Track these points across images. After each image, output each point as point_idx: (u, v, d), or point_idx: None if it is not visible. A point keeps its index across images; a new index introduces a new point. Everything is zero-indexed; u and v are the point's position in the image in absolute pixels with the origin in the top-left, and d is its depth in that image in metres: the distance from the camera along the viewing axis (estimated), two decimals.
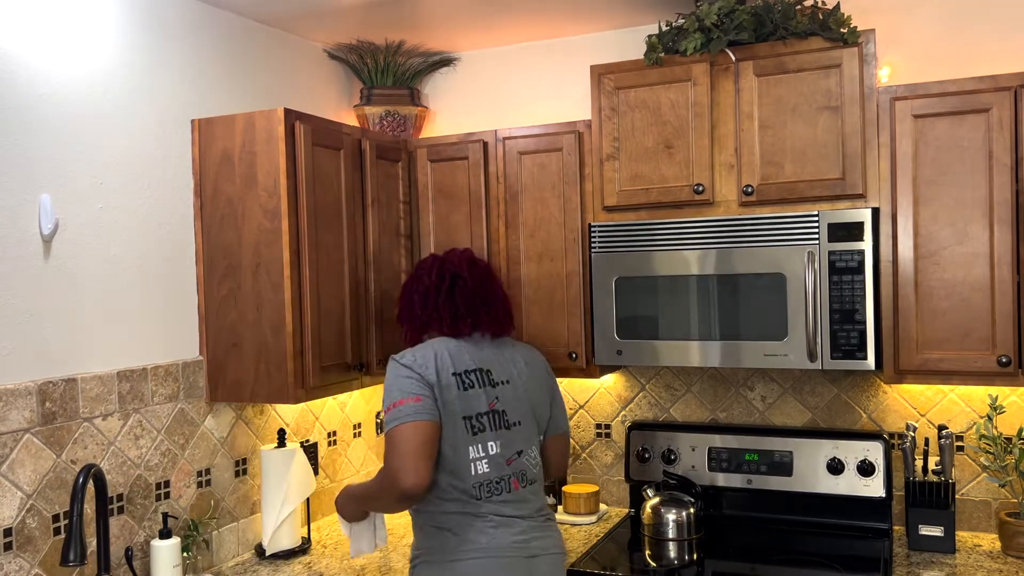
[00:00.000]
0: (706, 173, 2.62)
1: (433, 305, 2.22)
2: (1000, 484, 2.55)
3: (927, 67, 2.71)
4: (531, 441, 2.21)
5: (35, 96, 2.16)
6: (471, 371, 2.15)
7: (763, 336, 2.51)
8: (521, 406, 2.20)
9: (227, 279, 2.58)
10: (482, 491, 2.10)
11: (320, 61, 3.26)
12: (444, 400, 2.07)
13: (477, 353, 2.18)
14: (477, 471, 2.09)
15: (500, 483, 2.11)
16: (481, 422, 2.12)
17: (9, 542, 2.06)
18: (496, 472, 2.11)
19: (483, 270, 2.29)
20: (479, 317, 2.22)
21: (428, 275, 2.26)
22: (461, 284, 2.23)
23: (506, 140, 2.90)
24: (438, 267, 2.26)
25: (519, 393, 2.21)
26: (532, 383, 2.25)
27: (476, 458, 2.10)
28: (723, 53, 2.58)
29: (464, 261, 2.28)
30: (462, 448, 2.08)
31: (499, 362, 2.21)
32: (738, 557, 2.67)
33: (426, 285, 2.25)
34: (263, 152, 2.51)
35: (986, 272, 2.36)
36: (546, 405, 2.28)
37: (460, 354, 2.16)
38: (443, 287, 2.23)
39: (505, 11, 2.94)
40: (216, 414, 2.67)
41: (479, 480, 2.09)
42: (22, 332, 2.12)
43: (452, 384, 2.09)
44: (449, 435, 2.07)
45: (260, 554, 2.73)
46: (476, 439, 2.10)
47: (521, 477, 2.16)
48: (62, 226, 2.23)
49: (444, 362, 2.12)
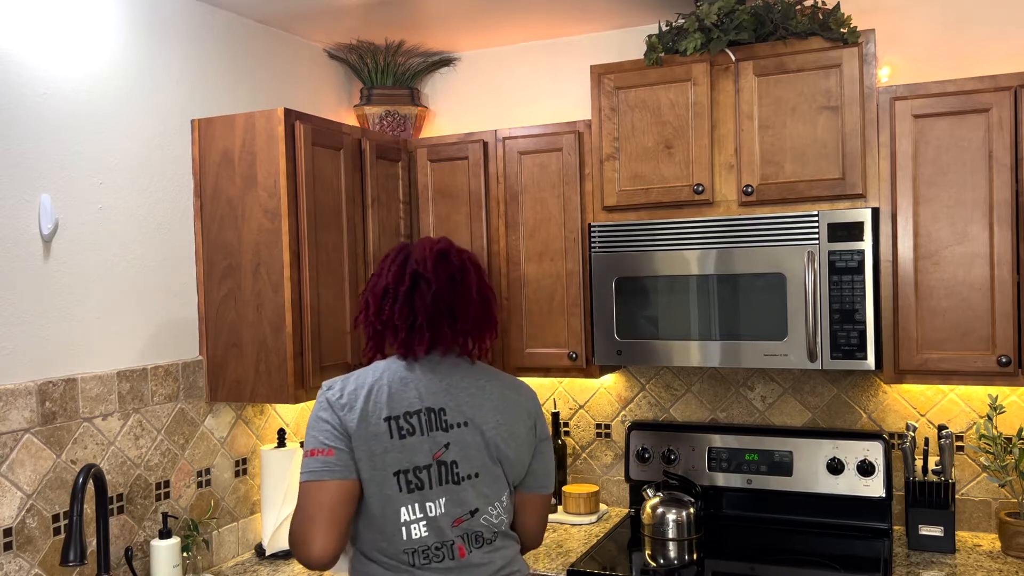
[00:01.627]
0: (706, 173, 2.62)
1: (388, 311, 1.79)
2: (1000, 484, 2.55)
3: (927, 67, 2.71)
4: (492, 497, 1.80)
5: (35, 96, 2.16)
6: (413, 413, 1.75)
7: (763, 336, 2.51)
8: (480, 454, 1.78)
9: (227, 279, 2.58)
10: (416, 558, 1.74)
11: (320, 61, 3.26)
12: (369, 452, 1.71)
13: (430, 386, 1.78)
14: (411, 535, 1.73)
15: (440, 549, 1.75)
16: (420, 478, 1.73)
17: (9, 542, 2.06)
18: (436, 536, 1.74)
19: (456, 267, 1.81)
20: (440, 331, 1.78)
21: (387, 272, 1.82)
22: (423, 287, 1.78)
23: (506, 140, 2.90)
24: (400, 263, 1.81)
25: (480, 439, 1.78)
26: (504, 428, 1.80)
27: (411, 520, 1.73)
28: (723, 53, 2.58)
29: (431, 256, 1.80)
30: (391, 508, 1.73)
31: (459, 397, 1.79)
32: (738, 557, 2.67)
33: (383, 284, 1.81)
34: (263, 152, 2.51)
35: (986, 272, 2.36)
36: (524, 455, 1.84)
37: (404, 390, 1.76)
38: (401, 289, 1.78)
39: (505, 11, 2.94)
40: (216, 414, 2.67)
41: (413, 546, 1.73)
42: (22, 332, 2.12)
43: (382, 432, 1.72)
44: (374, 492, 1.73)
45: (260, 554, 2.73)
46: (412, 498, 1.73)
47: (473, 540, 1.77)
48: (62, 226, 2.23)
49: (377, 403, 1.74)
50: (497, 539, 1.81)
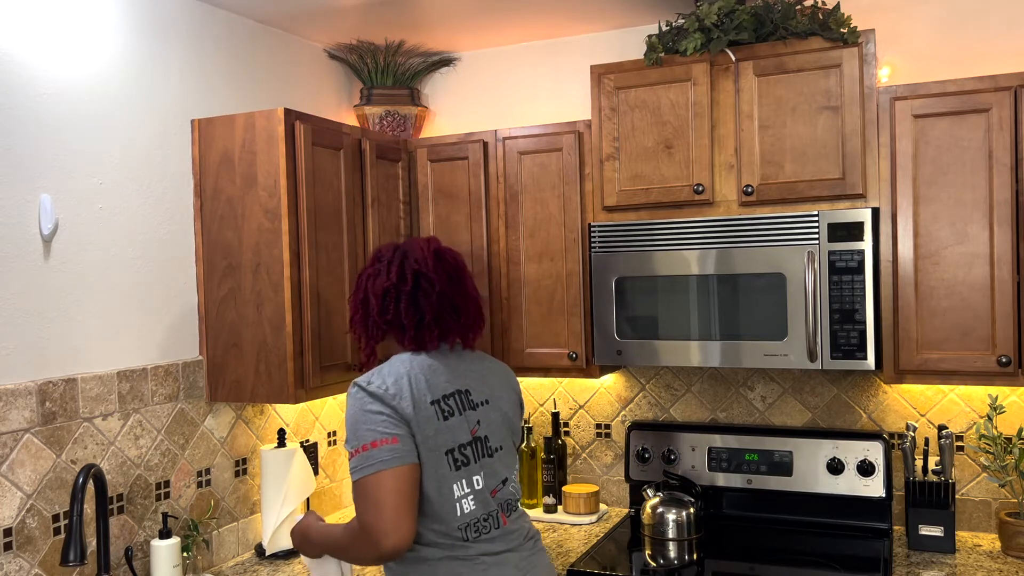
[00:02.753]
0: (706, 173, 2.62)
1: (393, 311, 1.88)
2: (1000, 484, 2.55)
3: (927, 67, 2.71)
4: (512, 466, 1.98)
5: (35, 96, 2.16)
6: (450, 395, 1.86)
7: (763, 336, 2.51)
8: (501, 429, 1.95)
9: (227, 279, 2.58)
10: (469, 532, 1.84)
11: (320, 61, 3.26)
12: (424, 436, 1.79)
13: (453, 371, 1.90)
14: (463, 510, 1.84)
15: (488, 520, 1.87)
16: (464, 454, 1.85)
17: (9, 542, 2.06)
18: (483, 508, 1.87)
19: (452, 266, 1.94)
20: (447, 327, 1.90)
21: (387, 272, 1.90)
22: (426, 286, 1.88)
23: (506, 140, 2.90)
24: (399, 263, 1.90)
25: (499, 414, 1.95)
26: (506, 402, 1.99)
27: (462, 496, 1.83)
28: (723, 53, 2.58)
29: (430, 256, 1.91)
30: (446, 487, 1.82)
31: (475, 379, 1.94)
32: (738, 557, 2.67)
33: (384, 284, 1.89)
34: (263, 152, 2.51)
35: (986, 272, 2.36)
36: (519, 424, 2.05)
37: (435, 375, 1.86)
38: (404, 289, 1.87)
39: (505, 11, 2.94)
40: (216, 414, 2.67)
41: (466, 520, 1.84)
42: (22, 332, 2.12)
43: (431, 416, 1.81)
44: (431, 474, 1.80)
45: (260, 554, 2.73)
46: (460, 474, 1.84)
47: (507, 507, 1.93)
48: (62, 226, 2.23)
49: (419, 388, 1.82)
50: (518, 505, 1.99)
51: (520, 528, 1.95)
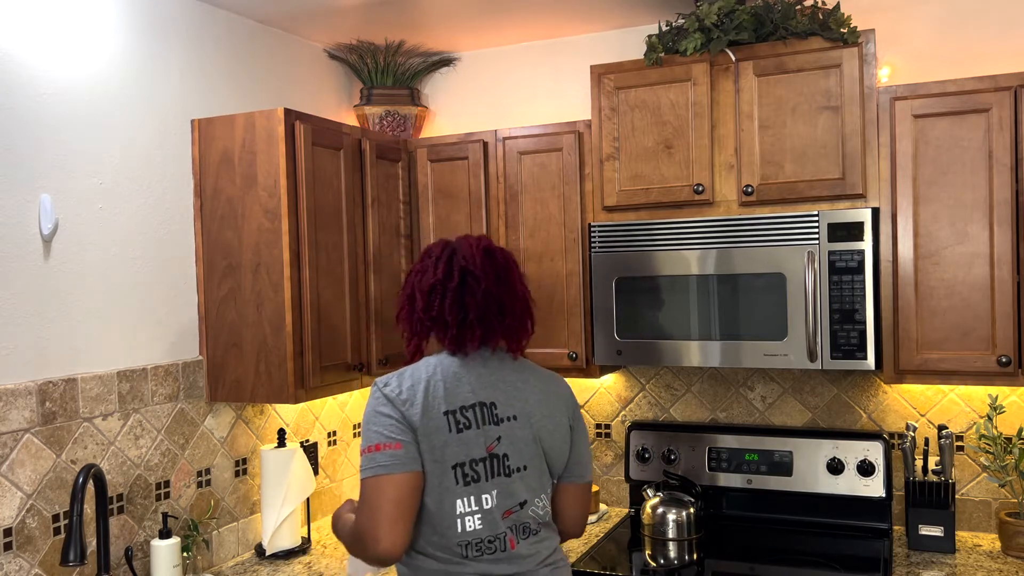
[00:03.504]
0: (706, 173, 2.62)
1: (438, 307, 1.82)
2: (1000, 484, 2.55)
3: (927, 67, 2.71)
4: (539, 490, 1.85)
5: (35, 96, 2.17)
6: (468, 407, 1.79)
7: (763, 336, 2.51)
8: (529, 448, 1.83)
9: (227, 279, 2.58)
10: (470, 550, 1.76)
11: (320, 61, 3.26)
12: (430, 445, 1.74)
13: (481, 380, 1.82)
14: (465, 528, 1.76)
15: (493, 542, 1.78)
16: (476, 470, 1.77)
17: (9, 542, 2.06)
18: (489, 530, 1.78)
19: (501, 265, 1.87)
20: (491, 327, 1.83)
21: (434, 268, 1.85)
22: (472, 284, 1.82)
23: (506, 140, 2.90)
24: (447, 259, 1.85)
25: (529, 432, 1.83)
26: (548, 420, 1.86)
27: (466, 513, 1.76)
28: (723, 53, 2.58)
29: (479, 253, 1.85)
30: (448, 501, 1.75)
31: (508, 392, 1.84)
32: (738, 557, 2.67)
33: (431, 280, 1.84)
34: (263, 152, 2.51)
35: (986, 272, 2.36)
36: (565, 447, 1.89)
37: (458, 385, 1.80)
38: (450, 285, 1.82)
39: (505, 11, 2.94)
40: (216, 414, 2.67)
41: (466, 539, 1.76)
42: (22, 332, 2.12)
43: (442, 427, 1.75)
44: (434, 486, 1.75)
45: (260, 554, 2.73)
46: (468, 491, 1.77)
47: (521, 531, 1.82)
48: (62, 226, 2.23)
49: (435, 397, 1.77)
50: (541, 530, 1.86)
51: (535, 554, 1.83)
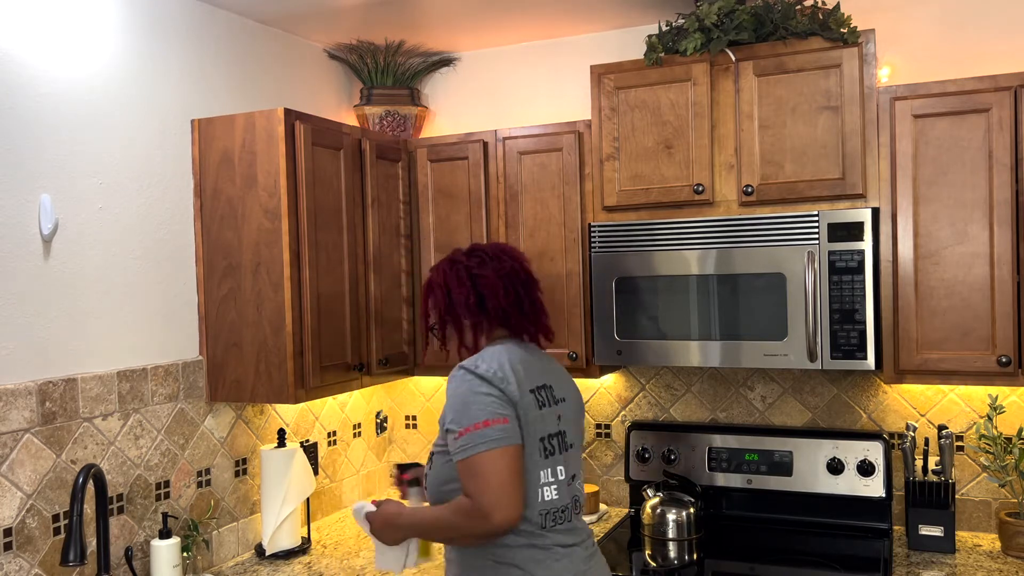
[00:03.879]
0: (706, 173, 2.62)
1: (514, 295, 1.93)
2: (1000, 484, 2.55)
3: (927, 67, 2.71)
4: (580, 465, 2.02)
5: (35, 96, 2.16)
6: (541, 387, 1.92)
7: (763, 336, 2.51)
8: (575, 427, 2.01)
9: (227, 279, 2.58)
10: (547, 520, 1.87)
11: (320, 61, 3.26)
12: (526, 420, 1.84)
13: (539, 365, 1.96)
14: (545, 497, 1.87)
15: (564, 511, 1.90)
16: (552, 444, 1.90)
17: (9, 542, 2.06)
18: (562, 499, 1.90)
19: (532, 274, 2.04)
20: (540, 322, 2.00)
21: (500, 260, 1.96)
22: (533, 282, 1.99)
23: (506, 140, 2.90)
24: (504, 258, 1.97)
25: (573, 413, 2.01)
26: (578, 405, 2.05)
27: (546, 483, 1.88)
28: (723, 53, 2.58)
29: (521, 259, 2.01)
30: (534, 473, 1.86)
31: (556, 376, 2.00)
32: (738, 557, 2.67)
33: (506, 269, 1.95)
34: (263, 152, 2.51)
35: (986, 272, 2.36)
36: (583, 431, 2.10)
37: (530, 366, 1.92)
38: (518, 280, 1.96)
39: (505, 11, 2.94)
40: (216, 414, 2.67)
41: (546, 508, 1.87)
42: (22, 332, 2.12)
43: (531, 402, 1.86)
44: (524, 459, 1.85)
45: (260, 554, 2.73)
46: (548, 462, 1.89)
47: (576, 504, 1.96)
48: (62, 226, 2.23)
49: (520, 375, 1.87)
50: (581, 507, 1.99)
51: (583, 528, 1.98)
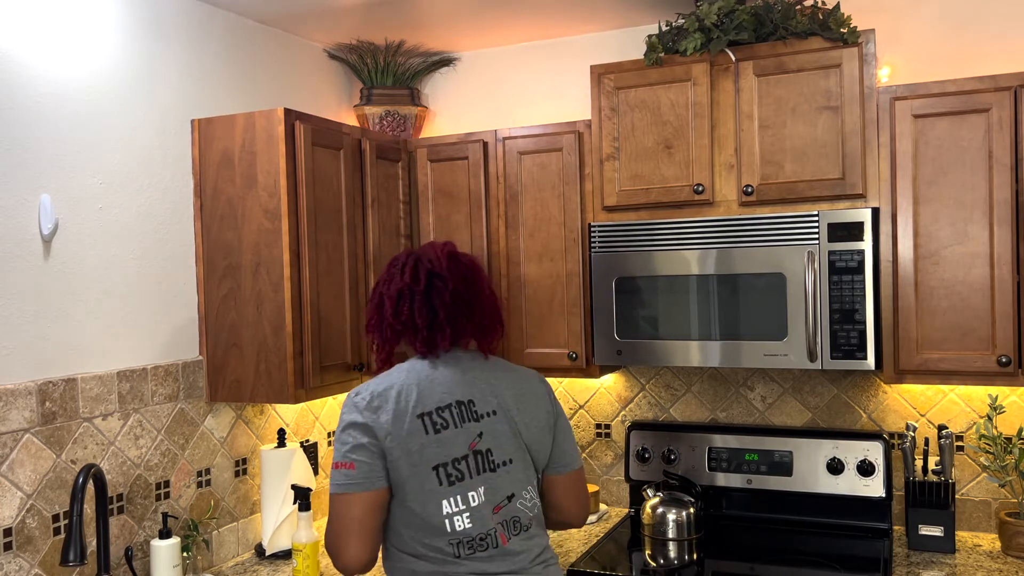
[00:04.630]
0: (706, 173, 2.62)
1: (408, 311, 1.86)
2: (1000, 484, 2.55)
3: (927, 67, 2.71)
4: (525, 482, 1.87)
5: (35, 96, 2.17)
6: (444, 407, 1.81)
7: (763, 336, 2.51)
8: (511, 441, 1.85)
9: (227, 279, 2.58)
10: (461, 549, 1.77)
11: (320, 61, 3.26)
12: (406, 450, 1.76)
13: (455, 380, 1.85)
14: (455, 527, 1.77)
15: (485, 539, 1.79)
16: (459, 469, 1.79)
17: (9, 542, 2.06)
18: (480, 527, 1.79)
19: (466, 267, 1.92)
20: (461, 327, 1.88)
21: (400, 274, 1.89)
22: (440, 285, 1.86)
23: (506, 140, 2.90)
24: (412, 264, 1.89)
25: (509, 427, 1.86)
26: (526, 415, 1.89)
27: (453, 513, 1.77)
28: (723, 53, 2.58)
29: (443, 256, 1.90)
30: (433, 504, 1.77)
31: (484, 388, 1.87)
32: (738, 557, 2.67)
33: (398, 286, 1.88)
34: (263, 152, 2.51)
35: (986, 272, 2.36)
36: (546, 439, 1.92)
37: (432, 387, 1.82)
38: (418, 289, 1.86)
39: (505, 11, 2.94)
40: (216, 414, 2.67)
41: (457, 538, 1.77)
42: (22, 332, 2.12)
43: (417, 430, 1.77)
44: (415, 490, 1.76)
45: (260, 554, 2.73)
46: (453, 490, 1.78)
47: (512, 526, 1.83)
48: (62, 226, 2.23)
49: (407, 401, 1.79)
50: (532, 526, 1.87)
51: (527, 550, 1.84)
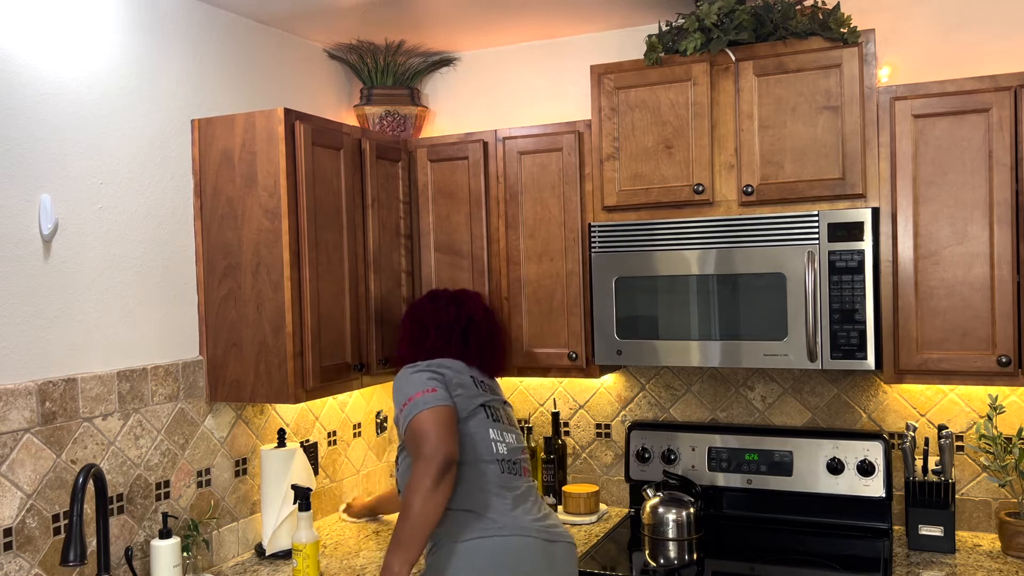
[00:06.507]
0: (706, 173, 2.62)
1: (446, 339, 2.36)
2: (1000, 484, 2.55)
3: (927, 67, 2.71)
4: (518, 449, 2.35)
5: (35, 96, 2.16)
6: (480, 381, 2.33)
7: (763, 336, 2.51)
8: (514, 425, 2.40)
9: (227, 279, 2.58)
10: (504, 466, 2.22)
11: (320, 61, 3.26)
12: (465, 395, 2.24)
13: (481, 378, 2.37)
14: (498, 450, 2.23)
15: (515, 465, 2.26)
16: (496, 413, 2.30)
17: (9, 542, 2.06)
18: (511, 455, 2.26)
19: (493, 319, 2.47)
20: (485, 359, 2.40)
21: (446, 311, 2.40)
22: (475, 328, 2.39)
23: (506, 140, 2.90)
24: (455, 306, 2.41)
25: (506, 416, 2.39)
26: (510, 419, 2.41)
27: (496, 439, 2.24)
28: (723, 53, 2.58)
29: (480, 308, 2.45)
30: (483, 429, 2.24)
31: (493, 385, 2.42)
32: (738, 557, 2.67)
33: (445, 320, 2.38)
34: (263, 152, 2.51)
35: (986, 272, 2.36)
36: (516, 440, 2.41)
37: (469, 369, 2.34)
38: (458, 326, 2.38)
39: (505, 11, 2.94)
40: (216, 414, 2.67)
41: (500, 457, 2.23)
42: (22, 332, 2.12)
43: (468, 382, 2.28)
44: (468, 416, 2.23)
45: (260, 554, 2.73)
46: (494, 424, 2.27)
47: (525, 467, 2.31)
48: (62, 226, 2.23)
49: (457, 366, 2.30)
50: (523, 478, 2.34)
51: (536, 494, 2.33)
